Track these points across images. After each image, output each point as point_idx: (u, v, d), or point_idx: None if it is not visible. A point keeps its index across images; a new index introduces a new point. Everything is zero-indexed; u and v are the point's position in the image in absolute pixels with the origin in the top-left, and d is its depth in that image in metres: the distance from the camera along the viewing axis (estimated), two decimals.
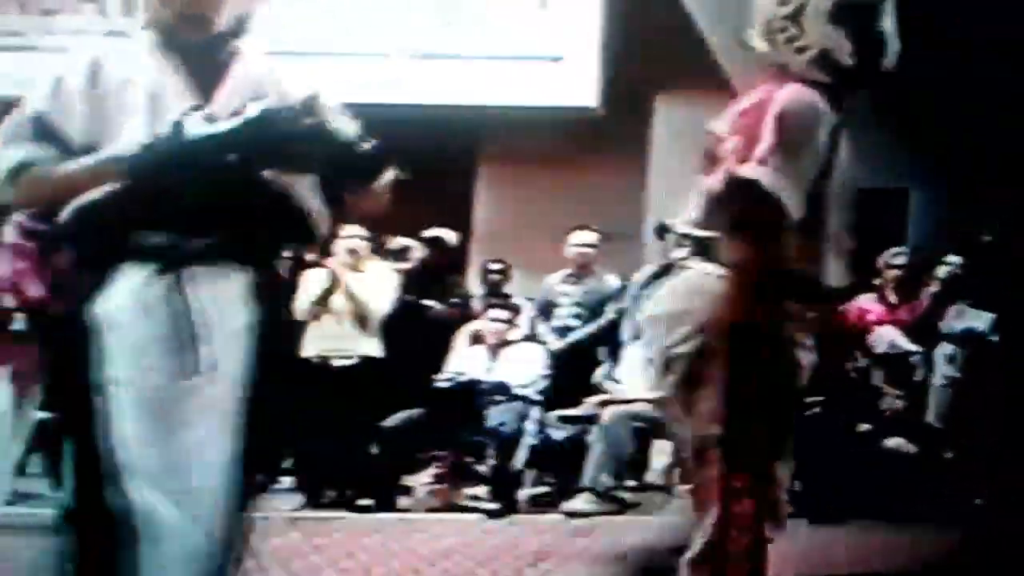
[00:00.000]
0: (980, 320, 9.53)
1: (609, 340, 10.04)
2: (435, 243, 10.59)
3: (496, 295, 10.58)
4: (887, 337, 9.72)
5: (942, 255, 10.11)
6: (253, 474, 3.64)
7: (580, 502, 8.92)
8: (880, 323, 9.80)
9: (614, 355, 9.89)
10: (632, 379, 9.51)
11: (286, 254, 10.24)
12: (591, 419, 9.34)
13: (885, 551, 7.49)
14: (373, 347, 9.56)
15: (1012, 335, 9.17)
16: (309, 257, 10.48)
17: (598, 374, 9.85)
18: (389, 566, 6.69)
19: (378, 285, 9.68)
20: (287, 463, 10.24)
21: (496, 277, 10.85)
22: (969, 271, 9.93)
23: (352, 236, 9.65)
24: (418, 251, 10.60)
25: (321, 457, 9.30)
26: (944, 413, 9.49)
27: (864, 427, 9.18)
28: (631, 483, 9.72)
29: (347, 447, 9.18)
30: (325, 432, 9.11)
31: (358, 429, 9.22)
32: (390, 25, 12.59)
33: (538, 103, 12.41)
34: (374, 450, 9.29)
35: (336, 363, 9.48)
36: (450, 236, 10.72)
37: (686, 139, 12.35)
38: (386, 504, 9.10)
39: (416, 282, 10.18)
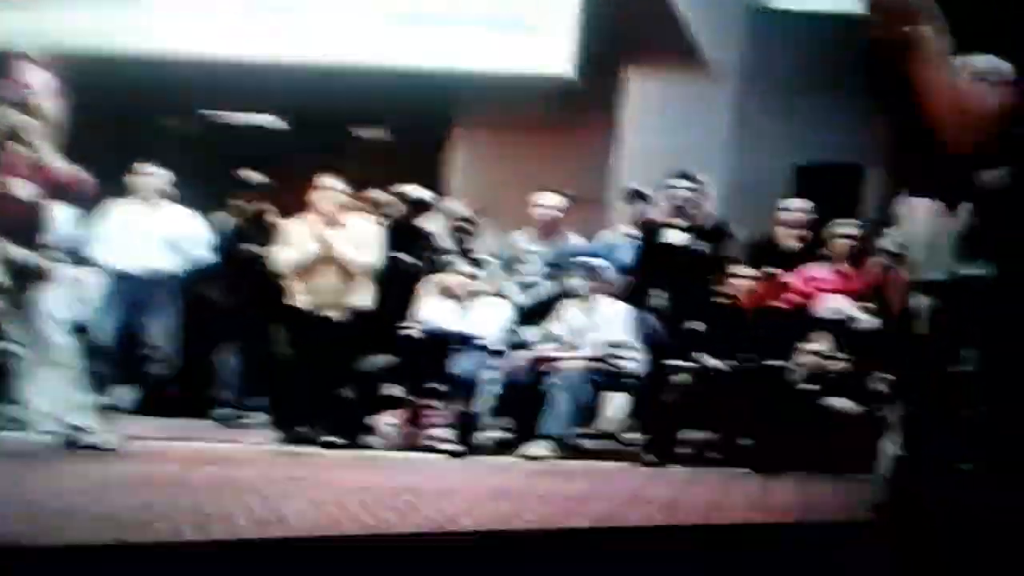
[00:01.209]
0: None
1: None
2: (408, 199, 10.95)
3: (463, 251, 10.88)
4: (834, 304, 10.08)
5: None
6: None
7: (539, 447, 9.37)
8: (833, 291, 10.16)
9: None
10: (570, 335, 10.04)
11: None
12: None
13: (824, 499, 7.79)
14: (365, 299, 9.98)
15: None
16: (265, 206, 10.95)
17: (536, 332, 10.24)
18: (358, 497, 6.83)
19: (364, 240, 10.06)
20: (263, 401, 10.73)
21: (463, 234, 11.19)
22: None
23: (330, 189, 10.03)
24: (394, 206, 10.97)
25: (296, 397, 9.76)
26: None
27: (810, 387, 9.57)
28: (585, 430, 10.17)
29: (321, 389, 9.65)
30: (304, 375, 9.59)
31: (336, 373, 9.68)
32: None
33: (514, 71, 12.79)
34: (346, 393, 9.75)
35: (325, 312, 9.90)
36: (423, 193, 11.09)
37: (656, 109, 12.89)
38: (354, 442, 9.56)
39: (391, 236, 10.52)
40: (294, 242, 10.03)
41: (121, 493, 6.71)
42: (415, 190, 10.99)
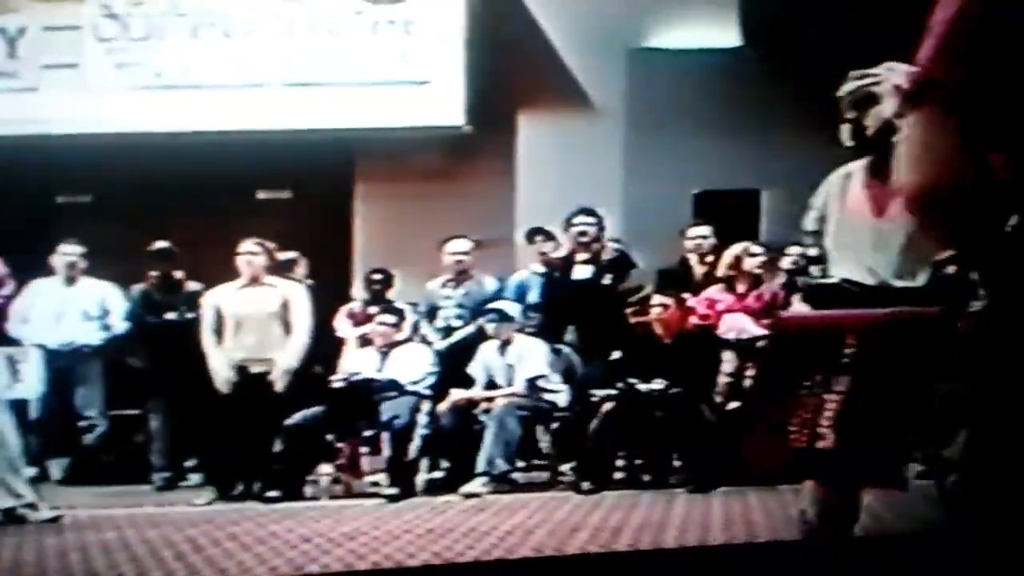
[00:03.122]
0: None
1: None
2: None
3: (379, 302, 11.03)
4: (736, 324, 10.29)
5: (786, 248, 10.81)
6: None
7: (476, 485, 9.44)
8: (730, 311, 10.38)
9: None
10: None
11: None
12: None
13: (755, 511, 7.97)
14: (289, 355, 9.98)
15: None
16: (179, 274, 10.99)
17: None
18: (300, 550, 6.91)
19: (295, 302, 10.10)
20: (194, 461, 10.73)
21: (378, 286, 11.33)
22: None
23: (248, 253, 10.05)
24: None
25: (230, 454, 9.77)
26: None
27: (733, 404, 9.78)
28: (519, 464, 10.29)
29: (253, 444, 9.67)
30: (235, 430, 9.61)
31: (266, 427, 9.70)
32: (266, 57, 13.08)
33: (408, 124, 13.04)
34: (278, 446, 9.76)
35: (254, 370, 9.92)
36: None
37: (549, 150, 13.15)
38: (293, 494, 9.58)
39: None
40: (219, 310, 10.07)
41: (63, 563, 6.73)
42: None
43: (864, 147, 4.81)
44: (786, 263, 10.64)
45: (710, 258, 10.78)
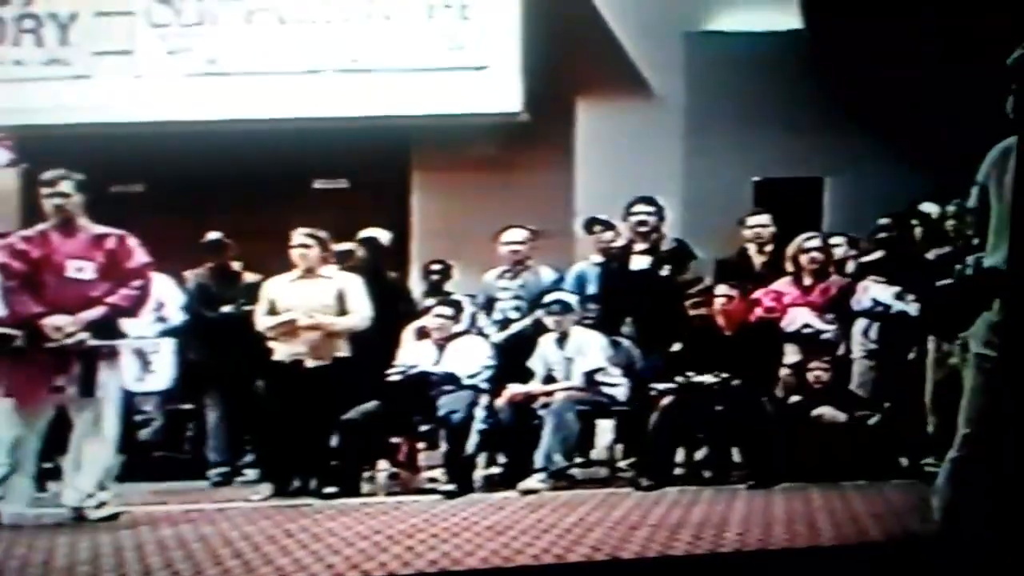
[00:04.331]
0: (886, 293, 9.83)
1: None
2: (370, 243, 10.91)
3: (438, 293, 10.94)
4: (800, 318, 10.14)
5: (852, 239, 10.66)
6: None
7: (534, 481, 9.34)
8: (795, 305, 10.21)
9: None
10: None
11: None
12: None
13: (818, 510, 7.81)
14: (343, 348, 9.90)
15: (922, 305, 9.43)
16: (236, 265, 10.92)
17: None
18: (357, 547, 6.85)
19: (351, 293, 9.98)
20: (250, 457, 10.67)
21: (437, 277, 11.26)
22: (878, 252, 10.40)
23: (301, 245, 9.96)
24: (358, 252, 10.93)
25: (286, 449, 9.71)
26: (866, 382, 9.96)
27: (795, 399, 9.67)
28: (578, 460, 10.25)
29: (310, 439, 9.60)
30: (291, 426, 9.55)
31: (322, 422, 9.61)
32: (321, 43, 13.01)
33: (465, 111, 12.93)
34: (334, 442, 9.67)
35: (309, 364, 9.80)
36: (383, 235, 11.06)
37: (607, 139, 13.04)
38: (350, 490, 9.50)
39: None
40: (274, 301, 9.95)
41: (119, 560, 6.69)
42: (373, 232, 10.95)
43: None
44: (839, 253, 10.53)
45: (769, 248, 10.62)
